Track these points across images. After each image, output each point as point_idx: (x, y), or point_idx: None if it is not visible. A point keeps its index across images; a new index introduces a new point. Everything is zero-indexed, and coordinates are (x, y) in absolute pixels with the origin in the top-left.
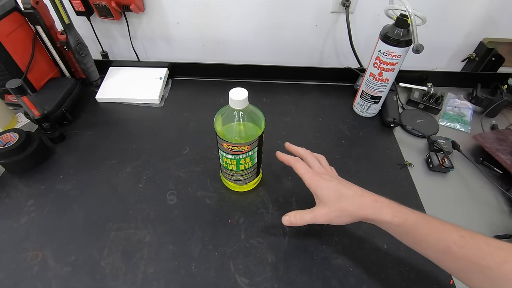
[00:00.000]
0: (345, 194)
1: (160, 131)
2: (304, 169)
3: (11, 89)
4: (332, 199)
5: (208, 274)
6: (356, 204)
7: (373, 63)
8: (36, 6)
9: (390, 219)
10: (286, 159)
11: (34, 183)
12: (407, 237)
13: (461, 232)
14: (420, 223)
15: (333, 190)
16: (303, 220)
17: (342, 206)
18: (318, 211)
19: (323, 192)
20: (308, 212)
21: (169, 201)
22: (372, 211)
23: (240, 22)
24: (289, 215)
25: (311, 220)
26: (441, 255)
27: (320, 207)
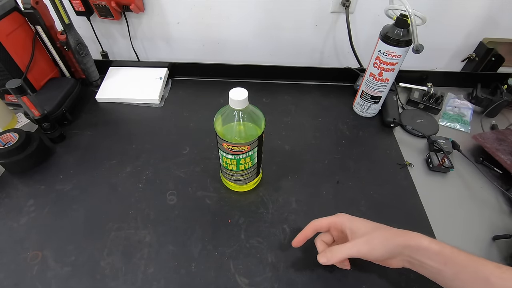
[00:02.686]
0: (381, 226)
1: (160, 131)
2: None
3: (11, 89)
4: (373, 229)
5: (208, 274)
6: (394, 231)
7: (373, 63)
8: (36, 6)
9: (427, 244)
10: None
11: (34, 183)
12: (446, 269)
13: (497, 264)
14: (457, 252)
15: (368, 223)
16: (342, 253)
17: (385, 234)
18: (358, 241)
19: (360, 224)
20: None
21: (169, 201)
22: (412, 236)
23: (240, 22)
24: (325, 252)
25: (350, 251)
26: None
27: (359, 237)
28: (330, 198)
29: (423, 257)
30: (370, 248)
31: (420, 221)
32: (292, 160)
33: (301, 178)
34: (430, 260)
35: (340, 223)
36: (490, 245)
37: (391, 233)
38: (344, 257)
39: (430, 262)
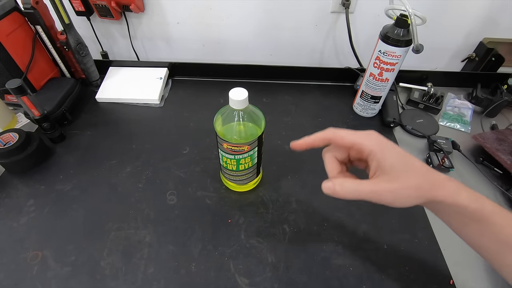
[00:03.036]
0: (416, 166)
1: (160, 131)
2: (353, 132)
3: (11, 89)
4: (403, 171)
5: (208, 274)
6: (430, 180)
7: (373, 63)
8: (36, 6)
9: (467, 203)
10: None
11: (34, 183)
12: (474, 227)
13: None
14: (497, 212)
15: (402, 158)
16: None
17: (417, 183)
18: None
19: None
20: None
21: (169, 201)
22: (449, 192)
23: (240, 22)
24: (333, 182)
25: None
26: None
27: (385, 180)
28: (330, 198)
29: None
30: (394, 199)
31: (420, 221)
32: (292, 160)
33: (301, 178)
34: (461, 215)
35: (368, 150)
36: None
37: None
38: (357, 198)
39: (461, 217)
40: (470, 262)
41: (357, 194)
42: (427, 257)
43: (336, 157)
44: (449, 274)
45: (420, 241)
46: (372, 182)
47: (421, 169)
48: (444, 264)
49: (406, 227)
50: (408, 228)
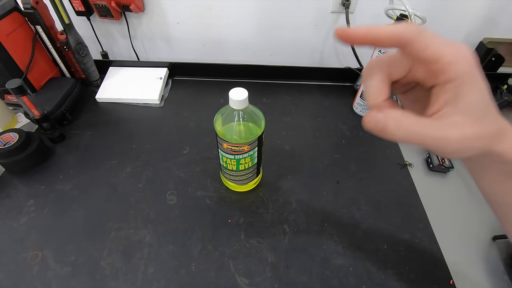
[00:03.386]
0: (493, 111)
1: (160, 131)
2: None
3: (11, 89)
4: (478, 115)
5: (208, 274)
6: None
7: None
8: (36, 6)
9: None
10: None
11: (34, 183)
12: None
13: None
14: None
15: (484, 97)
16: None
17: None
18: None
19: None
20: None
21: (169, 201)
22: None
23: (240, 22)
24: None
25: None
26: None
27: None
28: (330, 198)
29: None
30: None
31: (420, 221)
32: (292, 160)
33: (301, 178)
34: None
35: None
36: (490, 245)
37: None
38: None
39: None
40: (470, 262)
41: (414, 137)
42: (427, 257)
43: (392, 75)
44: (449, 274)
45: (420, 241)
46: (440, 124)
47: (496, 114)
48: (444, 264)
49: (406, 227)
50: (408, 228)
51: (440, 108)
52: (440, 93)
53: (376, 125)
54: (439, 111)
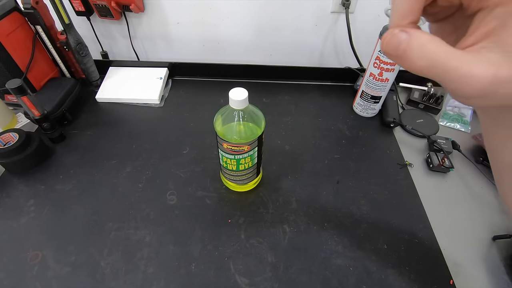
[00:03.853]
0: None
1: (160, 131)
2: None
3: (11, 89)
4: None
5: (208, 274)
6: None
7: (373, 63)
8: (36, 6)
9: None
10: None
11: (34, 183)
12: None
13: None
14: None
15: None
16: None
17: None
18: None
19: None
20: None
21: (169, 201)
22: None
23: (240, 22)
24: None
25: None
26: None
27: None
28: (330, 198)
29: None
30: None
31: (420, 221)
32: (292, 160)
33: (301, 178)
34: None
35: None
36: (490, 245)
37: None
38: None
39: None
40: (470, 262)
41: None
42: (427, 257)
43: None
44: (449, 274)
45: (420, 241)
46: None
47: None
48: (444, 264)
49: (406, 227)
50: (408, 228)
51: (478, 40)
52: (484, 20)
53: (397, 47)
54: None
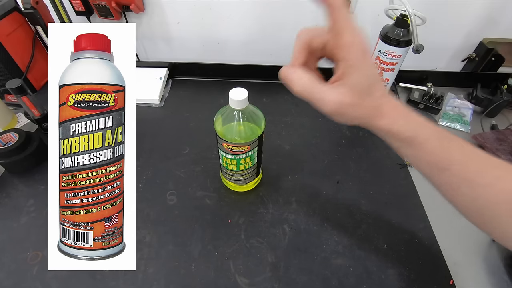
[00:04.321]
0: (375, 94)
1: (160, 131)
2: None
3: (11, 89)
4: (365, 91)
5: (208, 274)
6: (376, 110)
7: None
8: (36, 6)
9: (401, 131)
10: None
11: (34, 183)
12: (409, 152)
13: (464, 150)
14: (431, 140)
15: (371, 80)
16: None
17: (365, 108)
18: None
19: (362, 75)
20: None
21: (169, 201)
22: (386, 123)
23: (240, 22)
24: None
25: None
26: (437, 171)
27: (340, 90)
28: (330, 198)
29: (390, 139)
30: (336, 111)
31: (420, 221)
32: (292, 160)
33: (301, 178)
34: (396, 141)
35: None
36: (490, 245)
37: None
38: (306, 98)
39: (396, 142)
40: (470, 262)
41: (307, 94)
42: (427, 257)
43: (312, 43)
44: (449, 274)
45: (420, 241)
46: (327, 89)
47: (377, 96)
48: (444, 264)
49: (406, 227)
50: (408, 228)
51: (336, 79)
52: (337, 68)
53: (285, 76)
54: (335, 81)
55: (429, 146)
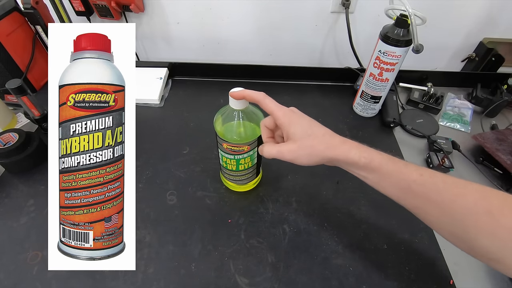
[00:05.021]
0: (316, 133)
1: (160, 131)
2: (275, 104)
3: (11, 89)
4: (303, 136)
5: (208, 274)
6: (325, 143)
7: (373, 63)
8: (36, 6)
9: (357, 159)
10: (250, 94)
11: (34, 183)
12: (371, 177)
13: (421, 171)
14: (385, 163)
15: (305, 127)
16: (270, 153)
17: (312, 144)
18: (285, 147)
19: (295, 128)
20: (275, 146)
21: (169, 201)
22: (341, 151)
23: (240, 22)
24: (261, 146)
25: (276, 155)
26: (401, 193)
27: (289, 143)
28: (330, 198)
29: (351, 167)
30: (295, 157)
31: (420, 221)
32: None
33: (301, 178)
34: (357, 169)
35: (279, 121)
36: None
37: (322, 145)
38: (273, 157)
39: (357, 170)
40: (470, 262)
41: (270, 154)
42: (427, 257)
43: (267, 126)
44: (449, 274)
45: (420, 241)
46: (279, 144)
47: (319, 134)
48: (444, 264)
49: (406, 227)
50: (408, 228)
51: (285, 139)
52: (282, 132)
53: (260, 151)
54: (285, 141)
55: (385, 169)
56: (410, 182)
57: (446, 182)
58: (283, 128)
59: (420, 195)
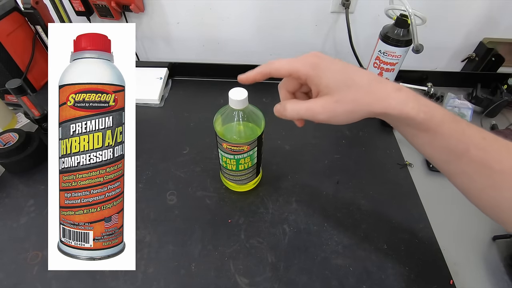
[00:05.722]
0: (359, 82)
1: (160, 131)
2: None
3: (11, 89)
4: (340, 88)
5: (208, 274)
6: (374, 94)
7: (373, 63)
8: (36, 6)
9: (415, 114)
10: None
11: (34, 183)
12: (424, 136)
13: (484, 134)
14: (447, 121)
15: (343, 74)
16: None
17: (355, 98)
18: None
19: (329, 77)
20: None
21: (169, 201)
22: (395, 104)
23: (240, 22)
24: (281, 104)
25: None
26: (453, 157)
27: (322, 98)
28: (330, 198)
29: (402, 123)
30: (331, 116)
31: (420, 221)
32: (292, 160)
33: (301, 178)
34: (410, 126)
35: (303, 76)
36: (490, 245)
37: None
38: (296, 118)
39: (408, 128)
40: (470, 262)
41: (296, 112)
42: (427, 257)
43: (288, 90)
44: (449, 274)
45: (420, 241)
46: (308, 101)
47: (363, 83)
48: (444, 264)
49: (406, 227)
50: (408, 228)
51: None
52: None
53: (279, 110)
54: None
55: (445, 129)
56: (470, 145)
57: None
58: (311, 80)
59: (476, 161)
